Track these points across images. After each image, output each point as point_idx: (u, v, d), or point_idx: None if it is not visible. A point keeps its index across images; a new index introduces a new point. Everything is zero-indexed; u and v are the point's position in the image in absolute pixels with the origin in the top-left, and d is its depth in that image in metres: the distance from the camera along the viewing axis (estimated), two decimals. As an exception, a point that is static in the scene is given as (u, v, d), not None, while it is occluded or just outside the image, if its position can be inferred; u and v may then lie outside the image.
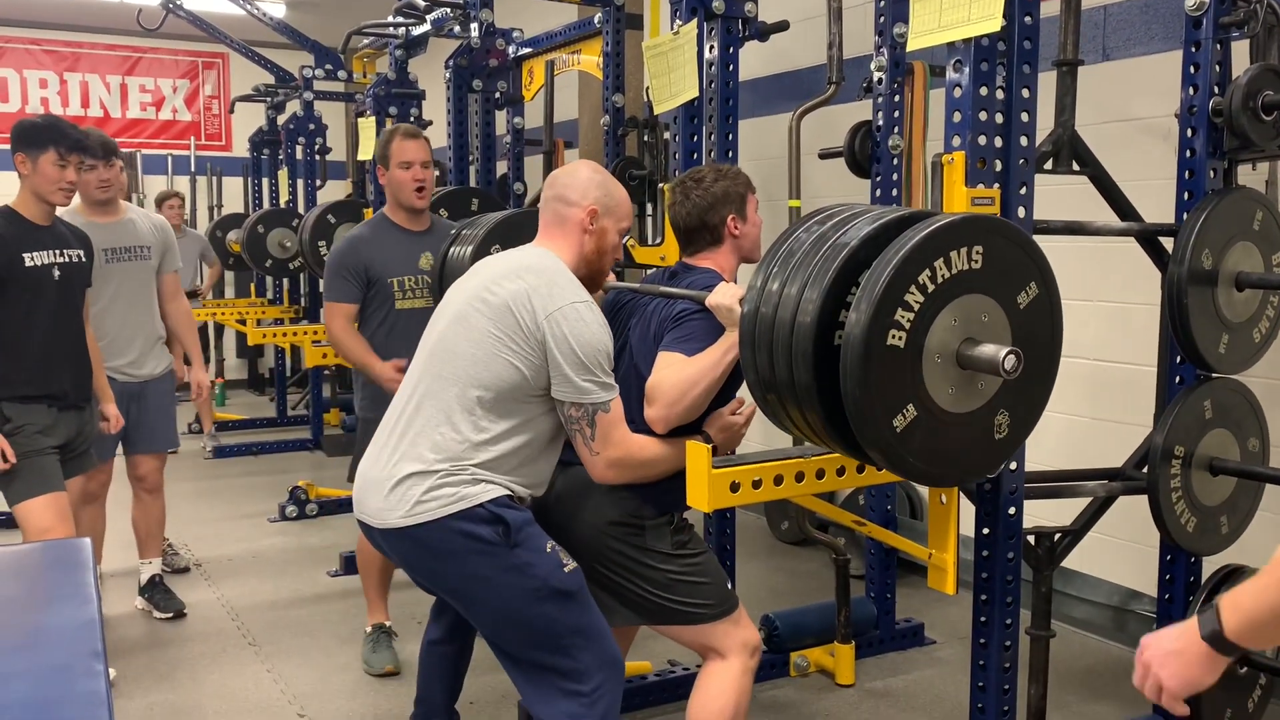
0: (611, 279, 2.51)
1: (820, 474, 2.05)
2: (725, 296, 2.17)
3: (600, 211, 2.26)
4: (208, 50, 9.11)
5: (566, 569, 2.12)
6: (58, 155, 3.07)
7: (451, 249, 3.06)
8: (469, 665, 2.57)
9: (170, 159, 9.24)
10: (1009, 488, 2.30)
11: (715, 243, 2.43)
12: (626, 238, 2.40)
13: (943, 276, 1.74)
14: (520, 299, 2.12)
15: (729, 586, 2.36)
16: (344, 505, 5.23)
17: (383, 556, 2.87)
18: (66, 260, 3.19)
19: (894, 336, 1.70)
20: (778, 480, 2.01)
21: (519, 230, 2.87)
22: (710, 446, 1.95)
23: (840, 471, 2.08)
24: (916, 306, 1.72)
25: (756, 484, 1.98)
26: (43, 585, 2.20)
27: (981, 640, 2.36)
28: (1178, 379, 2.62)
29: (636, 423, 2.20)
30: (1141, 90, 3.44)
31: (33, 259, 3.09)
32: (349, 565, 4.32)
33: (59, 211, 3.27)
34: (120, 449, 3.84)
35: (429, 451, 2.10)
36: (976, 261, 1.77)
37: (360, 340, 3.36)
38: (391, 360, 3.20)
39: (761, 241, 2.43)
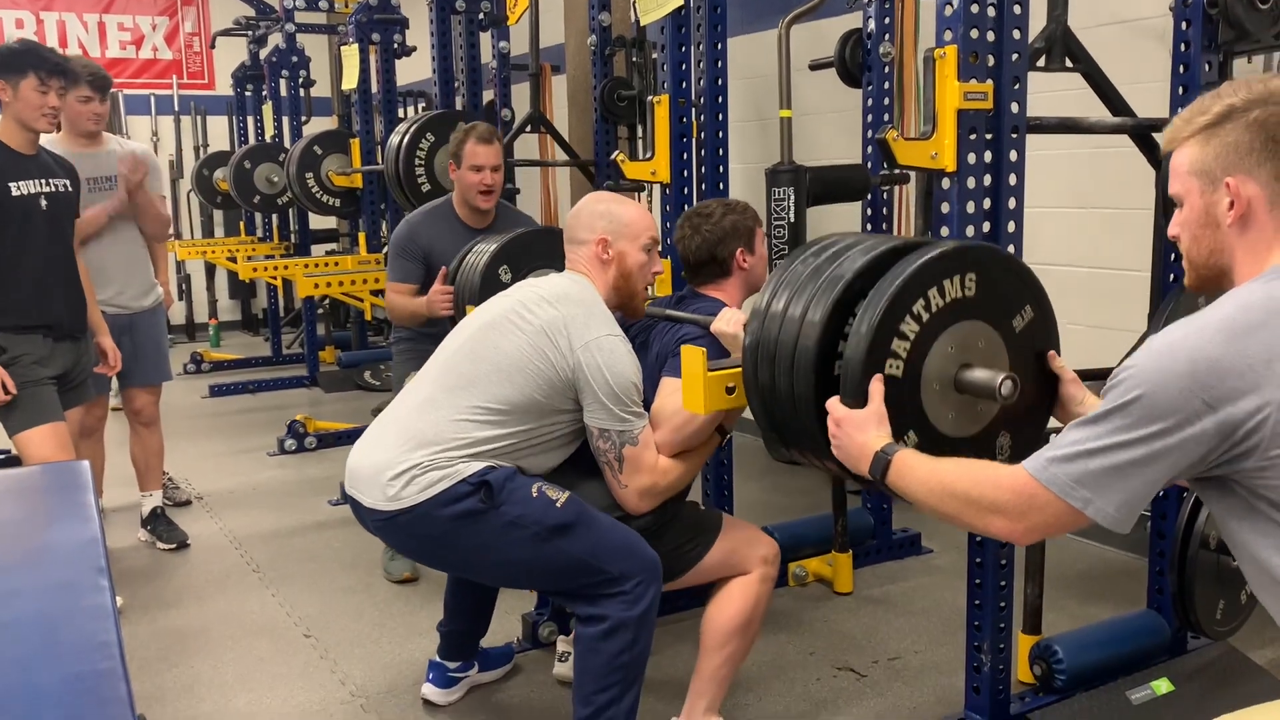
0: None
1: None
2: (729, 324, 2.22)
3: (611, 239, 2.31)
4: (185, -15, 8.94)
5: (559, 503, 2.14)
6: (38, 80, 3.02)
7: (466, 256, 3.11)
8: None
9: (153, 99, 9.10)
10: (1004, 387, 2.29)
11: (723, 275, 2.50)
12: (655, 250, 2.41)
13: (937, 305, 1.75)
14: (556, 325, 2.17)
15: (700, 517, 2.40)
16: (342, 438, 5.26)
17: None
18: (54, 190, 3.15)
19: (891, 366, 1.71)
20: (773, 380, 2.00)
21: (527, 250, 2.98)
22: (704, 351, 1.95)
23: (835, 372, 2.07)
24: (912, 336, 1.73)
25: (752, 384, 1.98)
26: (44, 506, 2.21)
27: (978, 539, 2.39)
28: (1171, 277, 2.61)
29: None
30: (1136, -10, 3.38)
31: (19, 188, 3.05)
32: (349, 494, 4.35)
33: (42, 140, 3.23)
34: (115, 383, 3.84)
35: (426, 443, 2.13)
36: (970, 289, 1.79)
37: (409, 299, 3.41)
38: (432, 290, 3.25)
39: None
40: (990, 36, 2.17)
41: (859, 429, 1.62)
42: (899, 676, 2.81)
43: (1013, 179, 2.24)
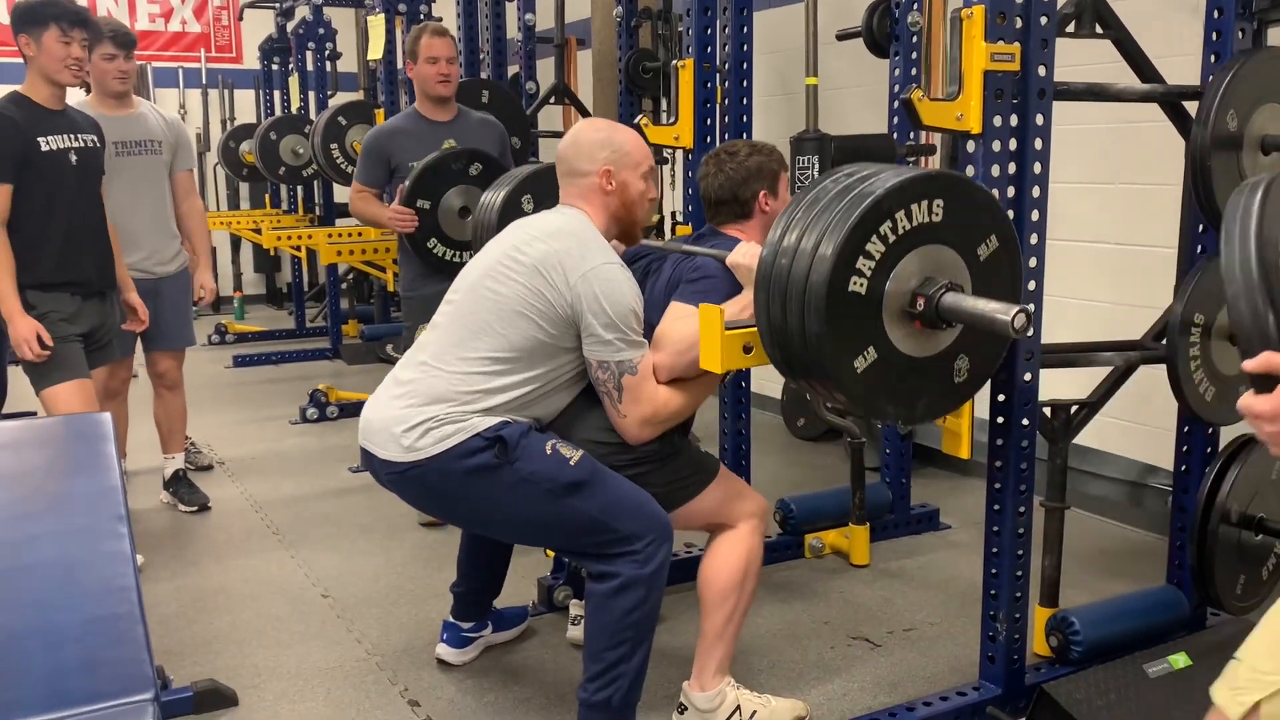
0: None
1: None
2: (746, 256, 2.19)
3: (615, 169, 2.27)
4: (215, -42, 8.96)
5: (572, 461, 2.14)
6: (60, 31, 3.04)
7: (484, 196, 3.11)
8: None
9: (181, 72, 9.13)
10: (1025, 353, 2.27)
11: (744, 216, 2.45)
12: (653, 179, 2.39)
13: (904, 228, 1.81)
14: (550, 261, 2.15)
15: (702, 457, 2.40)
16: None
17: None
18: (82, 145, 3.18)
19: (855, 283, 1.79)
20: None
21: (551, 183, 2.89)
22: (721, 309, 1.94)
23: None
24: (878, 255, 1.80)
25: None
26: (65, 456, 2.24)
27: (996, 507, 2.37)
28: (1199, 248, 2.57)
29: None
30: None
31: (48, 143, 3.07)
32: (369, 461, 4.38)
33: (73, 103, 3.25)
34: (140, 347, 3.87)
35: (438, 398, 2.13)
36: (937, 215, 1.85)
37: (372, 202, 3.79)
38: (390, 207, 3.65)
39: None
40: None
41: None
42: (914, 646, 2.80)
43: (1039, 143, 2.22)
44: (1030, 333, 1.79)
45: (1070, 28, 2.47)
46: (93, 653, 1.46)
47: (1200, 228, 2.55)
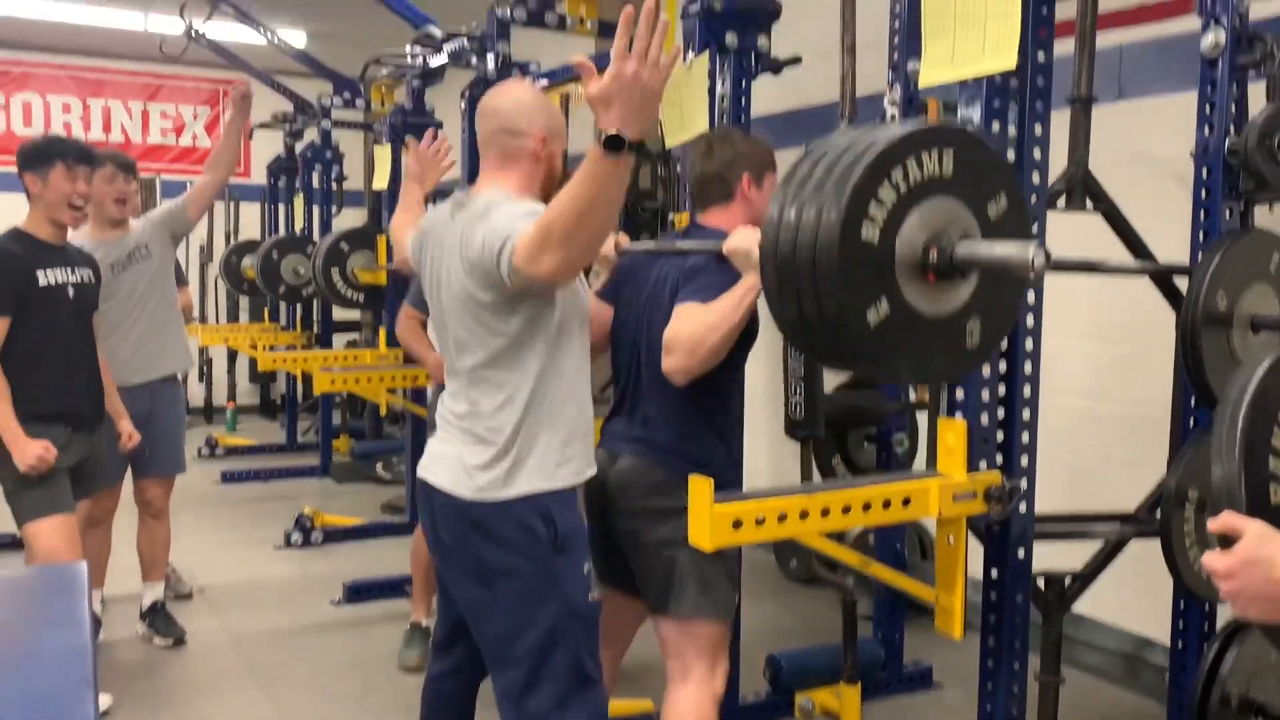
0: (625, 240, 2.50)
1: (825, 512, 2.01)
2: (742, 240, 2.15)
3: (549, 136, 2.16)
4: (228, 77, 9.17)
5: (591, 597, 2.12)
6: (66, 167, 3.10)
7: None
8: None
9: (189, 184, 9.29)
10: (1018, 529, 2.25)
11: (727, 198, 2.41)
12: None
13: (915, 178, 1.75)
14: (476, 251, 2.00)
15: (733, 592, 2.39)
16: (349, 534, 5.22)
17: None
18: (80, 280, 3.21)
19: (867, 231, 1.71)
20: (781, 518, 1.96)
21: None
22: (711, 480, 1.91)
23: (846, 510, 2.04)
24: (890, 203, 1.73)
25: (760, 521, 1.94)
26: (37, 610, 2.18)
27: (989, 685, 2.31)
28: (1191, 422, 2.57)
29: (655, 383, 2.26)
30: (1158, 131, 3.42)
31: (46, 277, 3.10)
32: (352, 595, 4.30)
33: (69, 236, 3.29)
34: (129, 473, 3.82)
35: (486, 442, 2.09)
36: (948, 167, 1.78)
37: (420, 336, 3.62)
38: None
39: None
40: (1010, 179, 2.18)
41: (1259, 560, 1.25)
42: (905, 822, 2.70)
43: (1030, 320, 2.23)
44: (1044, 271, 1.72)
45: (1061, 202, 2.52)
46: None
47: (1193, 401, 2.55)
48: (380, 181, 5.26)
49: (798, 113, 4.94)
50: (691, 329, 2.15)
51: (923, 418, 3.36)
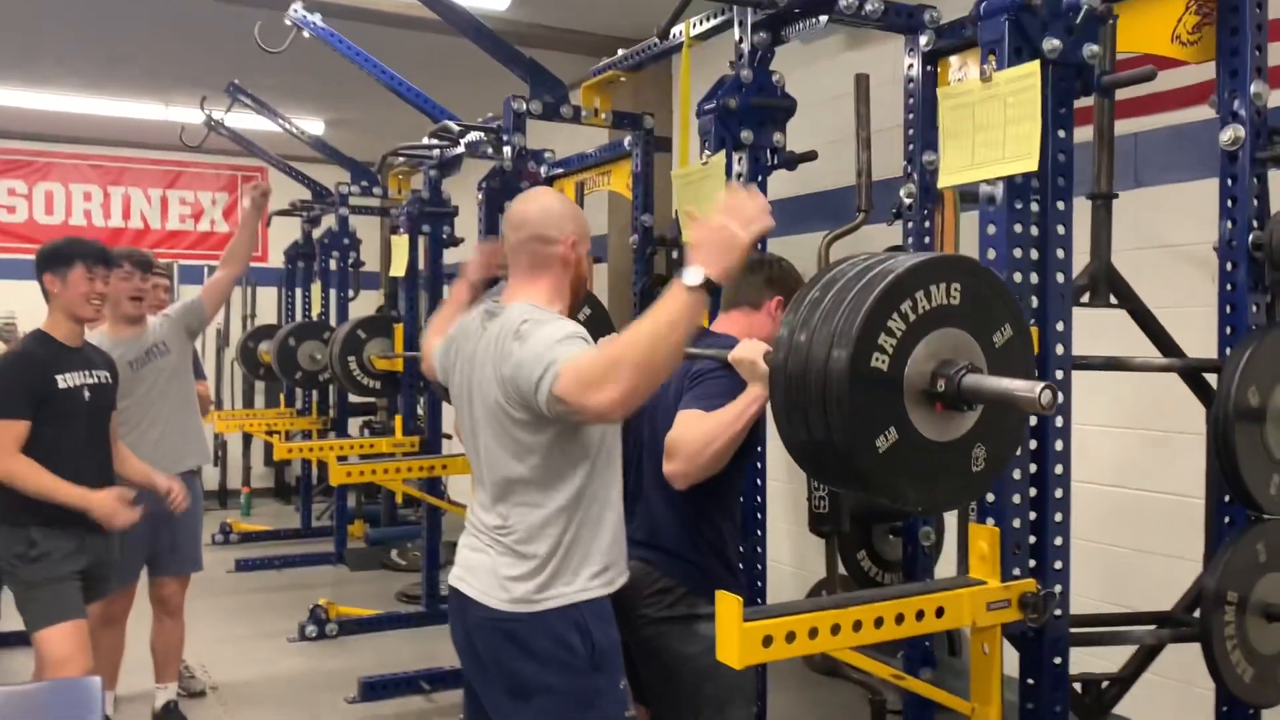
0: None
1: (858, 626, 1.95)
2: (749, 351, 2.16)
3: (578, 240, 2.21)
4: (247, 164, 9.33)
5: (628, 714, 2.08)
6: (86, 268, 3.12)
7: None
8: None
9: (206, 269, 9.38)
10: (1054, 635, 2.19)
11: (753, 308, 2.46)
12: None
13: (924, 308, 1.78)
14: (506, 372, 2.01)
15: (750, 709, 2.34)
16: (364, 625, 5.14)
17: None
18: (96, 382, 3.20)
19: (878, 360, 1.74)
20: (813, 633, 1.91)
21: None
22: (739, 600, 1.87)
23: (879, 622, 1.98)
24: (899, 333, 1.76)
25: (790, 638, 1.89)
26: (49, 730, 2.14)
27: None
28: (1226, 519, 2.51)
29: (656, 486, 2.24)
30: (1176, 217, 3.41)
31: (65, 380, 3.11)
32: (368, 692, 4.22)
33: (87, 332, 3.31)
34: (145, 572, 3.79)
35: (514, 541, 2.08)
36: (955, 298, 1.82)
37: None
38: None
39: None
40: (1034, 278, 2.17)
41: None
42: None
43: (1059, 420, 2.19)
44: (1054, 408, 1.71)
45: (1085, 298, 2.50)
46: None
47: (1227, 498, 2.50)
48: (397, 270, 5.29)
49: (809, 197, 4.97)
50: (693, 436, 2.15)
51: (947, 513, 3.30)
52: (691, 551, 2.34)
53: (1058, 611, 2.20)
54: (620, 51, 4.16)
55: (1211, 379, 2.47)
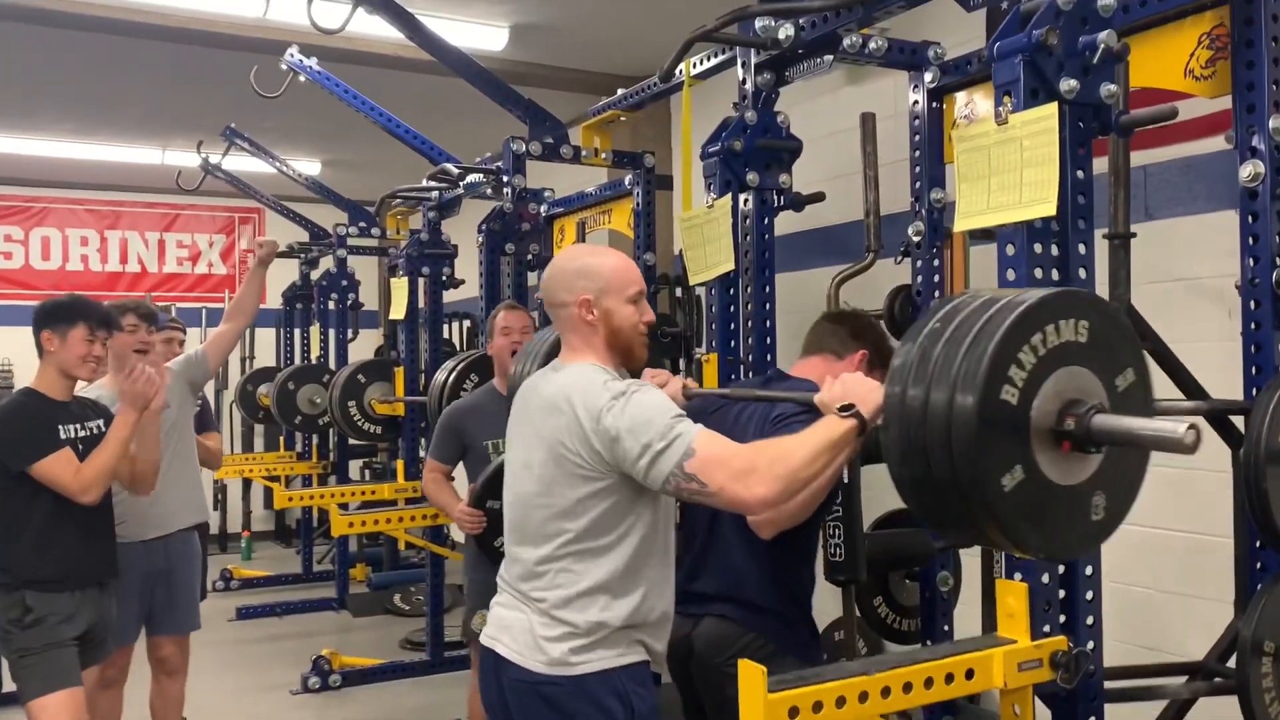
0: (693, 385, 2.42)
1: (886, 692, 1.88)
2: (857, 387, 2.01)
3: (594, 297, 2.13)
4: (244, 206, 9.30)
5: None
6: (88, 330, 3.07)
7: (517, 369, 2.97)
8: None
9: (205, 311, 9.34)
10: (1087, 694, 2.11)
11: (836, 356, 2.41)
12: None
13: (1052, 342, 1.72)
14: (570, 430, 2.00)
15: None
16: (367, 675, 5.05)
17: None
18: (88, 434, 3.14)
19: (1008, 392, 1.67)
20: (840, 702, 1.83)
21: None
22: (763, 670, 1.79)
23: (907, 688, 1.91)
24: (1029, 366, 1.69)
25: (817, 708, 1.81)
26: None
27: None
28: (1259, 564, 2.44)
29: (737, 536, 2.20)
30: (1188, 250, 3.36)
31: (65, 431, 3.05)
32: (373, 747, 4.13)
33: (86, 389, 3.24)
34: (143, 632, 3.70)
35: (551, 606, 2.02)
36: (1083, 335, 1.75)
37: (445, 488, 3.73)
38: (463, 502, 3.46)
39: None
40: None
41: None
42: None
43: (1086, 470, 2.12)
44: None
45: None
46: None
47: (1258, 543, 2.42)
48: (397, 312, 5.24)
49: (814, 232, 4.92)
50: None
51: (965, 555, 3.23)
52: (775, 603, 2.28)
53: (1090, 667, 2.12)
54: (620, 91, 4.13)
55: (1237, 421, 2.40)
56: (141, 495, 3.31)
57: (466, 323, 7.41)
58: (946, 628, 3.16)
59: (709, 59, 3.47)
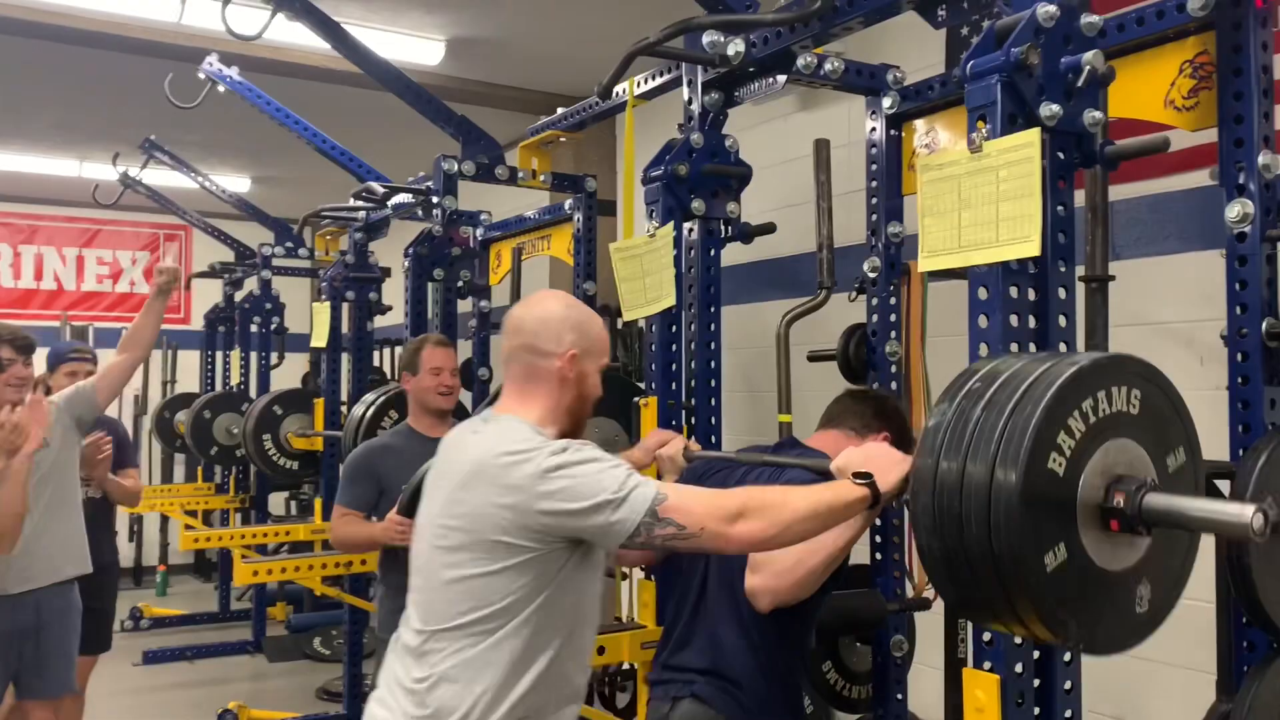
0: (695, 447, 2.30)
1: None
2: (879, 455, 1.85)
3: (580, 355, 1.94)
4: (169, 222, 8.89)
5: None
6: None
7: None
8: None
9: (124, 332, 8.88)
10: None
11: (857, 433, 2.25)
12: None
13: (1103, 411, 1.56)
14: (496, 509, 1.77)
15: None
16: (280, 732, 4.68)
17: None
18: None
19: (1055, 461, 1.51)
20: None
21: None
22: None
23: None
24: (1078, 433, 1.53)
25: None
26: None
27: None
28: (1245, 642, 2.22)
29: (726, 609, 2.08)
30: (1157, 293, 3.18)
31: None
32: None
33: None
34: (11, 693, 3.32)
35: (429, 688, 1.79)
36: (1134, 407, 1.61)
37: (358, 523, 3.32)
38: (386, 518, 3.14)
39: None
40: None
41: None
42: None
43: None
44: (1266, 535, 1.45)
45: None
46: None
47: (1244, 620, 2.20)
48: (318, 339, 4.92)
49: (763, 264, 4.70)
50: (785, 550, 1.88)
51: (920, 618, 2.99)
52: (757, 679, 2.10)
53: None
54: (560, 110, 3.87)
55: (1223, 485, 2.19)
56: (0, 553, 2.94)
57: (399, 349, 7.08)
58: (900, 696, 2.92)
59: (655, 78, 3.24)
